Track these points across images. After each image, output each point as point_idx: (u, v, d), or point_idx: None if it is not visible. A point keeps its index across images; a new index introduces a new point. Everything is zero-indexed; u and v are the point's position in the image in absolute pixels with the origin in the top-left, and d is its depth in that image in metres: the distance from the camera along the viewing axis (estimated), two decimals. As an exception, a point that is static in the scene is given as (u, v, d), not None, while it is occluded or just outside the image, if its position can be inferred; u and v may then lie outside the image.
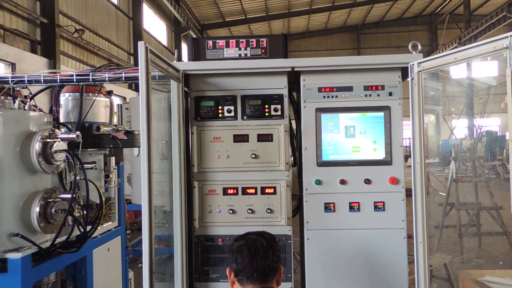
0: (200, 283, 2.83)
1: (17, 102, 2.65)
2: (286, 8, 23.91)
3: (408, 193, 2.68)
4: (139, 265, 6.13)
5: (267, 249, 1.98)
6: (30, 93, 2.99)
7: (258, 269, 1.94)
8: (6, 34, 9.10)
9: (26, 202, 2.47)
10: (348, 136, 2.83)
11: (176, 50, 3.06)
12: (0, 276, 2.28)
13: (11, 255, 2.31)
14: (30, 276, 2.39)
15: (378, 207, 2.77)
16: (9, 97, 2.67)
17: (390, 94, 2.82)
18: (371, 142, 2.83)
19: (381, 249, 2.76)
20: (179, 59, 2.91)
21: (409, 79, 2.69)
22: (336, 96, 2.84)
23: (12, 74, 2.86)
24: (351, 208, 2.78)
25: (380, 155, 2.81)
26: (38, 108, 2.79)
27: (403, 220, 2.76)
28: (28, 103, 2.65)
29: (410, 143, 2.72)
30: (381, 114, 2.82)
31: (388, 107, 2.81)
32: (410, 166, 2.71)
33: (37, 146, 2.47)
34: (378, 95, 2.83)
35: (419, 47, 2.74)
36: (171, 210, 2.74)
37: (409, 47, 2.74)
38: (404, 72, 2.78)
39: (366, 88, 2.83)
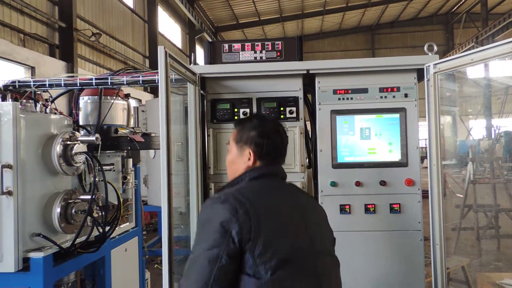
0: (216, 283, 2.85)
1: (38, 105, 2.71)
2: (300, 10, 23.84)
3: (425, 195, 2.66)
4: (155, 266, 6.20)
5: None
6: (51, 96, 3.05)
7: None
8: (26, 38, 9.30)
9: (48, 203, 2.52)
10: (364, 138, 2.83)
11: (192, 54, 3.10)
12: (23, 275, 2.33)
13: (33, 255, 2.36)
14: (52, 275, 2.43)
15: (394, 209, 2.76)
16: (30, 101, 2.74)
17: (406, 95, 2.81)
18: (387, 144, 2.82)
19: (398, 251, 2.75)
20: (194, 62, 2.94)
21: (425, 81, 2.68)
22: (351, 98, 2.84)
23: (33, 78, 2.93)
24: (367, 210, 2.77)
25: (396, 156, 2.80)
26: (58, 111, 2.86)
27: (419, 222, 2.74)
28: (49, 106, 2.71)
29: (426, 144, 2.70)
30: (397, 115, 2.80)
31: (403, 109, 2.80)
32: (426, 167, 2.69)
33: (58, 148, 2.53)
34: (394, 96, 2.82)
35: (435, 48, 2.72)
36: (186, 211, 2.78)
37: (425, 48, 2.73)
38: (420, 73, 2.76)
39: (381, 90, 2.82)
